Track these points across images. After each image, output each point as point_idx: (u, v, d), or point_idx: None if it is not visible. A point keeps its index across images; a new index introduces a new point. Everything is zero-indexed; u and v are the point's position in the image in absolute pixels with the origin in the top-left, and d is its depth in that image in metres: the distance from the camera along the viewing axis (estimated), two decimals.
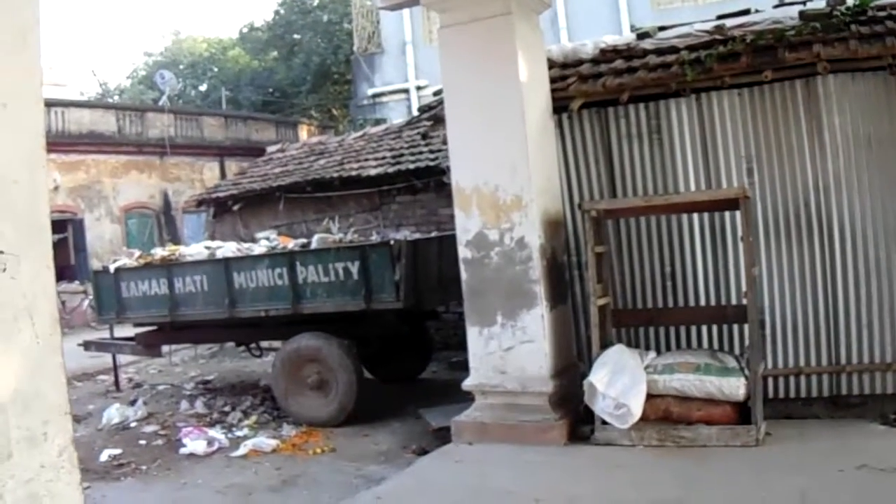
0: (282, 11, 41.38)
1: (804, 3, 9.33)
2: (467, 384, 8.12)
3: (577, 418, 7.77)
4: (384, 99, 25.69)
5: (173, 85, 34.57)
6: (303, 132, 33.66)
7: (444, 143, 8.93)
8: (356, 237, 11.62)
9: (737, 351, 7.88)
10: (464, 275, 8.12)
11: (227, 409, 11.00)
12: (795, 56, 7.84)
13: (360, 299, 9.73)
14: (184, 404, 11.41)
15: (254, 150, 26.97)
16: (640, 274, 8.46)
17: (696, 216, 8.19)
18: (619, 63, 8.64)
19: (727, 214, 8.03)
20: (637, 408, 7.22)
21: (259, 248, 11.41)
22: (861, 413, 7.68)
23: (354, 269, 9.77)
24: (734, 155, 8.10)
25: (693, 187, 8.20)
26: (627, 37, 9.83)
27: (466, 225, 8.08)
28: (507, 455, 7.41)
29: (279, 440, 9.26)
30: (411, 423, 9.70)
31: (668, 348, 8.25)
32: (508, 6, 7.86)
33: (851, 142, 7.77)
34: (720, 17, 9.33)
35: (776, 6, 10.10)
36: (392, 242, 9.89)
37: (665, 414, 7.38)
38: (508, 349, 7.88)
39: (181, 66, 44.46)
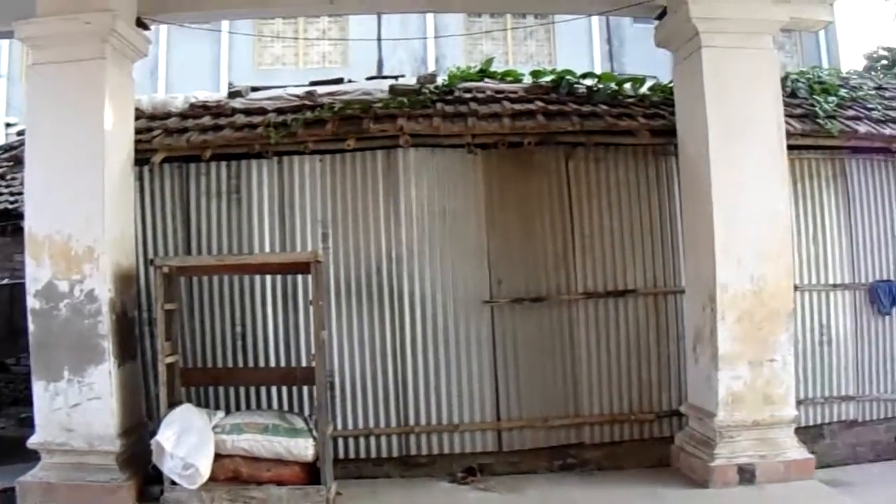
0: None
1: (396, 79, 9.84)
2: (33, 442, 7.64)
3: (147, 478, 7.54)
4: None
5: None
6: None
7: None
8: None
9: (306, 412, 8.01)
10: (31, 326, 7.67)
11: None
12: (379, 127, 8.24)
13: None
14: None
15: None
16: (210, 333, 8.40)
17: (269, 277, 8.28)
18: (206, 119, 8.65)
19: (300, 277, 8.20)
20: (205, 468, 7.10)
21: None
22: (430, 472, 8.16)
23: None
24: (311, 219, 8.32)
25: (269, 248, 8.31)
26: (221, 94, 9.85)
27: (37, 274, 7.66)
28: None
29: None
30: None
31: (238, 408, 8.23)
32: (103, 51, 7.62)
33: (426, 213, 8.28)
34: (314, 84, 9.61)
35: (369, 78, 10.58)
36: None
37: (235, 474, 7.32)
38: (75, 406, 7.51)
39: None
